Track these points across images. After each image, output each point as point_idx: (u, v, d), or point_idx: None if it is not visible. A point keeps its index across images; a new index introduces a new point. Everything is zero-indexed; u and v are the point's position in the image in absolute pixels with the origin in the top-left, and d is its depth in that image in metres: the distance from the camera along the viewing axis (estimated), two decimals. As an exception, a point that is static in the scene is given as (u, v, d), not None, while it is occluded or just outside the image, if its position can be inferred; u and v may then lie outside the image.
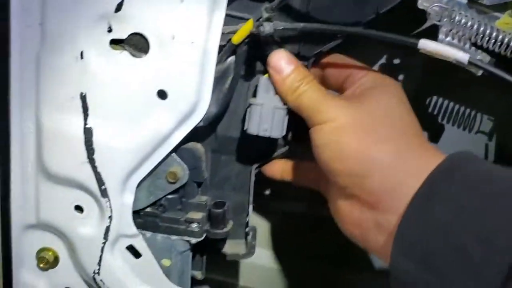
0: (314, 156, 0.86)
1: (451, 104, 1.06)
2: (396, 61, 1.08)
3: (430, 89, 1.07)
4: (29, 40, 0.87)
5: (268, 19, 0.82)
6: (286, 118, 0.93)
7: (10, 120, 0.92)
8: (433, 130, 1.11)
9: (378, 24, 0.88)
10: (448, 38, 0.85)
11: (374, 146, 0.78)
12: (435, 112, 1.07)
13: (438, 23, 0.84)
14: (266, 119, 0.91)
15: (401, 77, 1.08)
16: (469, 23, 0.83)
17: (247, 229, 1.13)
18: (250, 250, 1.12)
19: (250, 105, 0.92)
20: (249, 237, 1.12)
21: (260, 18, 0.83)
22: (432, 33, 0.84)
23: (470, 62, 0.80)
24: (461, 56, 0.80)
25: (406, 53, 1.06)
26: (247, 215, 1.13)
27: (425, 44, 0.81)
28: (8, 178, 0.95)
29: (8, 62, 0.86)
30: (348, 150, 0.79)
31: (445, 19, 0.84)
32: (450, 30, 0.84)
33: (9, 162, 0.94)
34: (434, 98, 1.06)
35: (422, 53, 0.82)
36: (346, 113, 0.81)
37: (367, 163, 0.77)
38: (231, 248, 1.15)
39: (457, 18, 0.84)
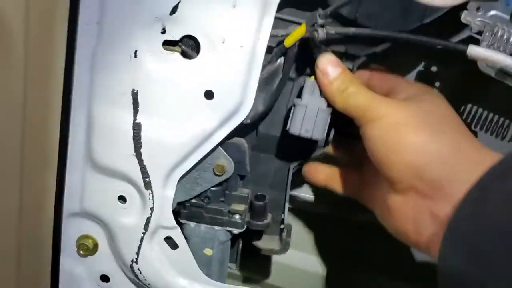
0: (368, 152, 0.88)
1: (485, 112, 1.09)
2: (434, 68, 1.11)
3: (465, 97, 1.10)
4: (86, 37, 0.92)
5: (322, 26, 0.86)
6: (328, 120, 0.96)
7: (72, 114, 0.96)
8: None
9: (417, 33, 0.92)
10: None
11: (431, 138, 0.80)
12: (469, 119, 1.10)
13: (479, 37, 0.87)
14: (309, 120, 0.95)
15: (437, 84, 1.11)
16: (511, 39, 0.86)
17: (282, 226, 1.17)
18: (285, 247, 1.16)
19: (294, 105, 0.96)
20: (284, 234, 1.17)
21: (315, 23, 0.87)
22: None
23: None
24: (511, 62, 0.83)
25: (442, 62, 1.09)
26: (283, 212, 1.17)
27: (474, 50, 0.84)
28: (64, 168, 1.00)
29: (73, 59, 0.91)
30: (406, 142, 0.81)
31: (487, 33, 0.87)
32: (492, 45, 0.87)
33: (66, 154, 0.98)
34: (469, 106, 1.09)
35: (459, 61, 0.85)
36: (401, 110, 0.83)
37: (425, 154, 0.79)
38: (265, 243, 1.19)
39: (499, 33, 0.86)
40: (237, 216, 1.07)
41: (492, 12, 0.88)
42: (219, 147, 1.01)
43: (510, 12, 0.87)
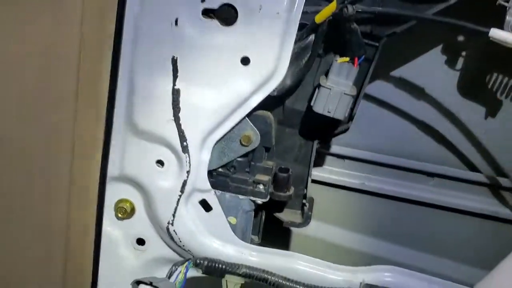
0: None
1: (510, 81, 1.12)
2: (460, 38, 1.15)
3: (490, 66, 1.13)
4: (131, 6, 0.97)
5: (352, 2, 0.90)
6: (351, 103, 1.01)
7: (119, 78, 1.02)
8: (492, 105, 1.18)
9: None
10: (514, 19, 0.91)
11: None
12: (495, 88, 1.13)
13: (506, 4, 0.90)
14: (332, 101, 0.99)
15: (463, 53, 1.15)
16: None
17: (304, 201, 1.22)
18: (306, 220, 1.21)
19: (320, 85, 1.01)
20: (306, 208, 1.22)
21: (344, 0, 0.91)
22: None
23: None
24: None
25: (469, 33, 1.12)
26: (306, 187, 1.22)
27: (495, 33, 0.88)
28: (110, 134, 1.05)
29: (122, 22, 0.96)
30: None
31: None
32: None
33: (112, 119, 1.04)
34: (494, 75, 1.12)
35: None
36: None
37: None
38: (287, 216, 1.24)
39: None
40: (261, 186, 1.12)
41: (520, -20, 0.91)
42: (246, 118, 1.05)
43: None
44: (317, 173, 1.39)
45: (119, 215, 1.16)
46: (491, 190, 1.36)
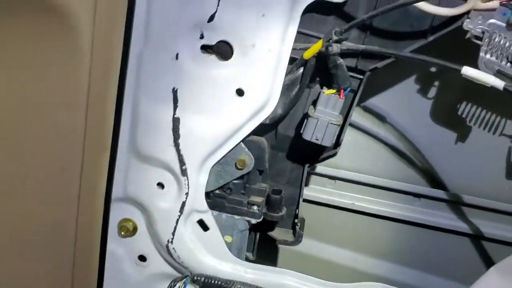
0: None
1: (479, 109, 1.22)
2: (432, 69, 1.25)
3: (462, 96, 1.22)
4: (136, 38, 1.06)
5: (337, 41, 0.99)
6: (337, 131, 1.09)
7: (124, 106, 1.10)
8: (462, 131, 1.28)
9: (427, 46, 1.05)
10: (487, 56, 0.99)
11: None
12: (465, 116, 1.22)
13: (479, 42, 0.99)
14: (320, 130, 1.08)
15: (436, 83, 1.24)
16: (507, 44, 0.97)
17: (296, 220, 1.30)
18: (298, 239, 1.29)
19: (308, 115, 1.09)
20: (298, 227, 1.29)
21: (330, 39, 1.00)
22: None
23: (505, 89, 0.94)
24: (498, 83, 0.95)
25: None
26: (297, 207, 1.29)
27: (467, 70, 0.96)
28: (114, 159, 1.14)
29: (127, 58, 1.05)
30: None
31: (486, 39, 0.99)
32: (490, 49, 0.99)
33: (117, 145, 1.12)
34: (464, 103, 1.22)
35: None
36: None
37: None
38: (280, 235, 1.32)
39: (496, 39, 0.98)
40: (255, 207, 1.20)
41: (491, 21, 0.99)
42: (241, 143, 1.13)
43: (506, 20, 0.98)
44: (310, 193, 1.47)
45: (122, 233, 1.24)
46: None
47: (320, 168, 1.47)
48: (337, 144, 1.16)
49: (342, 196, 1.49)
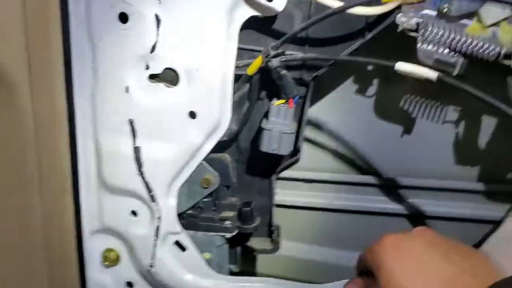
0: None
1: (423, 99, 1.24)
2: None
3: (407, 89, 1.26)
4: (85, 80, 1.10)
5: (275, 56, 1.03)
6: (293, 139, 1.12)
7: (78, 147, 1.15)
8: (407, 123, 1.32)
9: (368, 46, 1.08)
10: (424, 46, 1.02)
11: None
12: (409, 107, 1.25)
13: (415, 34, 1.01)
14: (275, 141, 1.11)
15: (375, 81, 1.29)
16: (441, 31, 1.00)
17: (272, 228, 1.33)
18: (276, 246, 1.32)
19: (262, 128, 1.12)
20: (274, 235, 1.33)
21: (268, 54, 1.03)
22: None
23: (439, 79, 0.97)
24: (431, 74, 0.97)
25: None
26: (271, 215, 1.33)
27: (400, 66, 0.99)
28: (78, 196, 1.18)
29: (72, 98, 1.10)
30: None
31: (422, 30, 1.01)
32: (426, 39, 1.01)
33: (78, 183, 1.17)
34: (407, 96, 1.25)
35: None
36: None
37: None
38: (259, 244, 1.35)
39: (430, 28, 1.00)
40: (227, 222, 1.24)
41: (424, 12, 1.00)
42: (203, 162, 1.16)
43: (437, 9, 1.00)
44: (286, 198, 1.49)
45: (106, 263, 1.28)
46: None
47: (294, 172, 1.49)
48: (296, 150, 1.19)
49: (320, 197, 1.51)
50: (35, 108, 0.98)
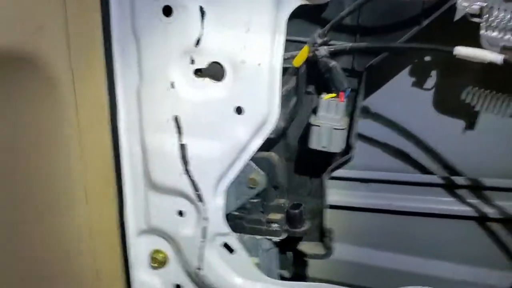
0: None
1: (485, 92, 1.14)
2: (427, 58, 1.19)
3: (464, 79, 1.16)
4: (129, 76, 1.08)
5: (322, 44, 0.96)
6: (345, 135, 1.06)
7: (121, 145, 1.13)
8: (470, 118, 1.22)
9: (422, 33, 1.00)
10: (489, 33, 0.93)
11: None
12: (471, 101, 1.15)
13: (478, 20, 0.92)
14: (324, 137, 1.05)
15: (433, 72, 1.19)
16: (508, 16, 0.91)
17: (324, 232, 1.26)
18: (328, 251, 1.25)
19: (310, 124, 1.06)
20: (327, 239, 1.25)
21: (315, 43, 0.97)
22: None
23: (505, 61, 0.88)
24: (495, 57, 0.89)
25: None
26: (323, 218, 1.26)
27: (460, 50, 0.91)
28: (121, 194, 1.16)
29: (115, 94, 1.08)
30: None
31: (485, 16, 0.93)
32: (491, 25, 0.92)
33: (121, 181, 1.14)
34: (469, 88, 1.15)
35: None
36: None
37: None
38: (310, 249, 1.29)
39: (495, 13, 0.91)
40: (274, 225, 1.18)
41: (487, -6, 0.93)
42: (250, 162, 1.11)
43: (503, -9, 0.91)
44: (340, 198, 1.42)
45: (154, 265, 1.25)
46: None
47: (350, 172, 1.42)
48: (349, 147, 1.12)
49: (378, 198, 1.43)
50: (78, 103, 0.96)
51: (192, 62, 1.03)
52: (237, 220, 1.18)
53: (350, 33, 1.03)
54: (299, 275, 1.39)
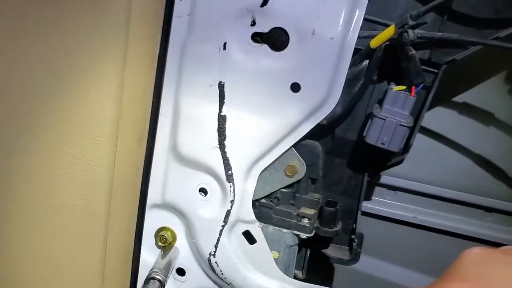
0: None
1: None
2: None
3: None
4: (177, 29, 0.94)
5: (413, 27, 0.84)
6: (407, 134, 0.94)
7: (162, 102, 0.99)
8: None
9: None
10: None
11: None
12: None
13: None
14: (387, 132, 0.93)
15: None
16: None
17: (353, 236, 1.15)
18: (355, 257, 1.13)
19: (373, 115, 0.95)
20: (355, 244, 1.14)
21: (404, 24, 0.85)
22: None
23: None
24: None
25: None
26: (355, 221, 1.15)
27: None
28: (151, 159, 1.02)
29: (166, 49, 0.94)
30: None
31: None
32: None
33: (154, 143, 1.01)
34: None
35: None
36: None
37: None
38: (335, 252, 1.17)
39: None
40: (305, 220, 1.06)
41: None
42: (292, 148, 1.00)
43: None
44: (366, 204, 1.32)
45: (160, 243, 1.12)
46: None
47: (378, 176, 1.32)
48: (406, 149, 1.01)
49: (404, 208, 1.33)
50: (129, 38, 0.83)
51: (253, 23, 0.90)
52: (263, 209, 1.06)
53: (433, 19, 0.91)
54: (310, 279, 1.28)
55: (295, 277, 1.19)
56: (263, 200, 1.08)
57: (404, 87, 0.92)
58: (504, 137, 1.19)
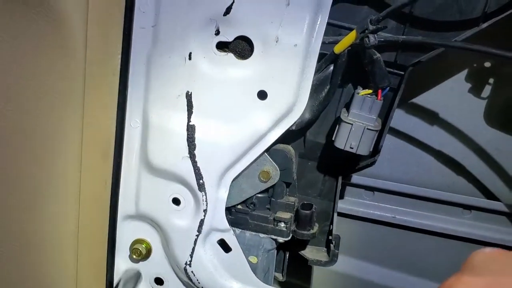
0: None
1: None
2: (487, 64, 1.08)
3: None
4: (141, 41, 0.93)
5: (373, 32, 0.84)
6: (375, 138, 0.95)
7: (127, 115, 0.98)
8: None
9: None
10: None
11: None
12: None
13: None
14: (354, 136, 0.93)
15: (491, 80, 1.08)
16: None
17: (330, 237, 1.15)
18: (333, 258, 1.13)
19: (340, 119, 0.94)
20: (332, 246, 1.14)
21: (365, 29, 0.85)
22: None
23: None
24: None
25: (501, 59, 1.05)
26: (331, 223, 1.15)
27: None
28: (119, 172, 1.02)
29: (128, 62, 0.93)
30: None
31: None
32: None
33: (121, 156, 1.00)
34: None
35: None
36: None
37: None
38: (313, 254, 1.17)
39: None
40: (282, 224, 1.06)
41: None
42: (265, 153, 1.00)
43: None
44: (345, 205, 1.32)
45: (134, 256, 1.11)
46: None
47: (355, 177, 1.32)
48: (376, 151, 1.01)
49: (382, 209, 1.33)
50: (87, 56, 0.81)
51: (218, 32, 0.90)
52: (240, 215, 1.06)
53: (398, 23, 0.91)
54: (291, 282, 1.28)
55: (275, 280, 1.19)
56: (239, 206, 1.07)
57: (370, 91, 0.92)
58: (470, 134, 1.20)
